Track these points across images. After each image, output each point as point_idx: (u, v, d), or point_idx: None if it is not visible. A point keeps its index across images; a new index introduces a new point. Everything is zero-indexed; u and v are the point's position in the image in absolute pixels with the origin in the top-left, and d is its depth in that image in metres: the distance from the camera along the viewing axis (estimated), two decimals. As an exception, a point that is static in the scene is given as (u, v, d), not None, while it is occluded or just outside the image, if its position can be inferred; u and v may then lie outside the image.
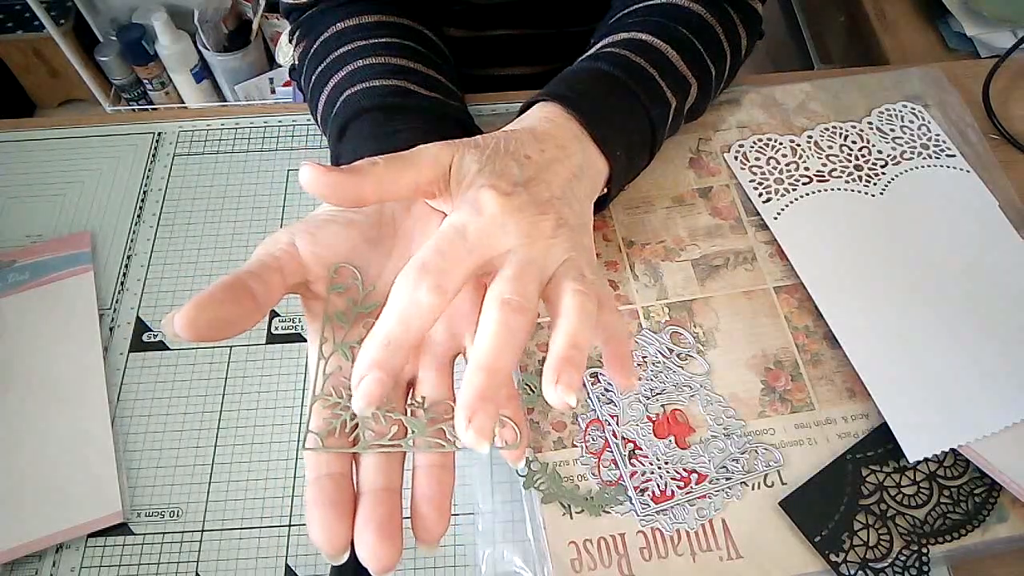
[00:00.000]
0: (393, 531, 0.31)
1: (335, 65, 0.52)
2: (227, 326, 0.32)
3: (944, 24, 0.94)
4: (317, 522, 0.31)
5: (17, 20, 1.70)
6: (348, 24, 0.53)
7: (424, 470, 0.33)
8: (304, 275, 0.36)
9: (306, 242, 0.36)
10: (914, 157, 0.58)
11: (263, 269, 0.34)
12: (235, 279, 0.33)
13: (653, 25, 0.52)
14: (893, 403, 0.47)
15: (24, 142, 0.65)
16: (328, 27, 0.54)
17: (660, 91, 0.49)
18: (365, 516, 0.31)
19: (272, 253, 0.35)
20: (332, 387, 0.35)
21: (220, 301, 0.32)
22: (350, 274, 0.37)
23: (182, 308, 0.31)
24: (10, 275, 0.56)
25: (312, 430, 0.34)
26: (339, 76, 0.51)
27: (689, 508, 0.45)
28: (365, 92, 0.49)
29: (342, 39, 0.53)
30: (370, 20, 0.54)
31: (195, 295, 0.31)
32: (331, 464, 0.33)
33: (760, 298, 0.53)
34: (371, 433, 0.34)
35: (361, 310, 0.36)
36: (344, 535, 0.31)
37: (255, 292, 0.33)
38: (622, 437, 0.47)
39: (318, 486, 0.32)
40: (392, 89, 0.49)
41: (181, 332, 0.31)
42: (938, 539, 0.44)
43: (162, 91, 1.76)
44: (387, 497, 0.32)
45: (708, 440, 0.47)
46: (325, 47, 0.53)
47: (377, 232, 0.38)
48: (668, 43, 0.51)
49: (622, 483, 0.46)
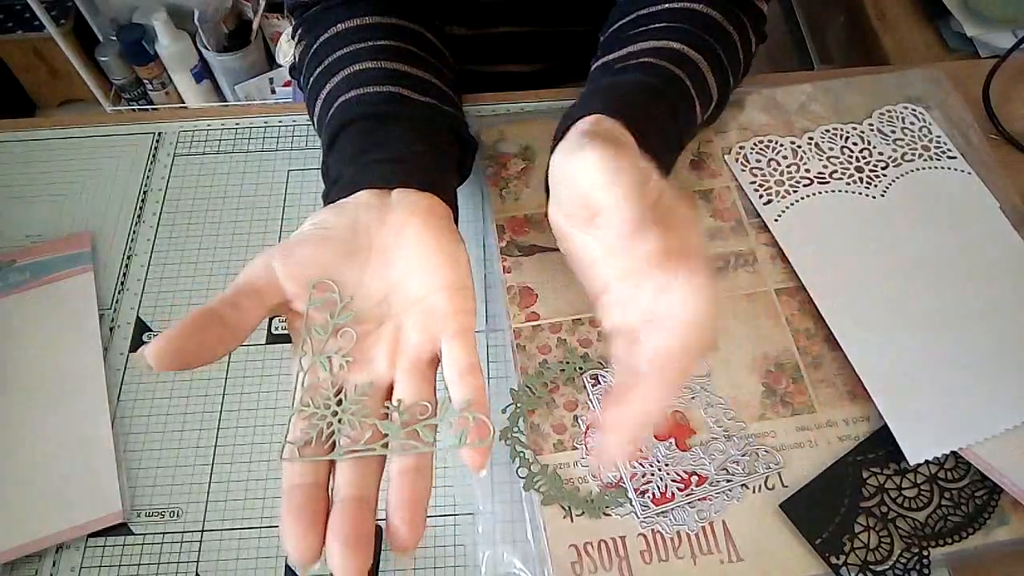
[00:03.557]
0: (360, 541, 0.31)
1: (332, 69, 0.52)
2: (193, 356, 0.33)
3: (944, 24, 0.94)
4: (287, 532, 0.31)
5: (17, 20, 1.70)
6: (349, 25, 0.53)
7: (399, 477, 0.33)
8: (282, 295, 0.37)
9: (281, 263, 0.37)
10: (915, 159, 0.58)
11: (237, 295, 0.35)
12: (205, 310, 0.34)
13: (683, 33, 0.51)
14: (894, 405, 0.47)
15: (24, 142, 0.65)
16: (329, 27, 0.54)
17: (693, 106, 0.50)
18: (334, 526, 0.31)
19: (248, 278, 0.36)
20: (310, 398, 0.35)
21: (187, 334, 0.33)
22: (327, 288, 0.37)
23: (152, 341, 0.32)
24: (10, 275, 0.56)
25: (288, 440, 0.34)
26: (335, 81, 0.51)
27: (689, 510, 0.45)
28: (358, 99, 0.49)
29: (342, 41, 0.53)
30: (370, 22, 0.53)
31: (167, 328, 0.33)
32: (305, 474, 0.33)
33: (761, 300, 0.53)
34: (347, 440, 0.34)
35: (337, 322, 0.37)
36: (314, 545, 0.31)
37: (227, 319, 0.34)
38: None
39: (290, 496, 0.32)
40: (385, 96, 0.49)
41: (152, 363, 0.32)
42: (939, 542, 0.44)
43: (162, 91, 1.76)
44: (357, 507, 0.32)
45: (708, 442, 0.47)
46: (324, 48, 0.53)
47: (352, 246, 0.39)
48: (700, 54, 0.51)
49: (622, 485, 0.46)
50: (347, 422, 0.34)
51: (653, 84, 0.48)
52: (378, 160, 0.44)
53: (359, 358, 0.37)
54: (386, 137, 0.47)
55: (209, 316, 0.33)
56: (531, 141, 0.60)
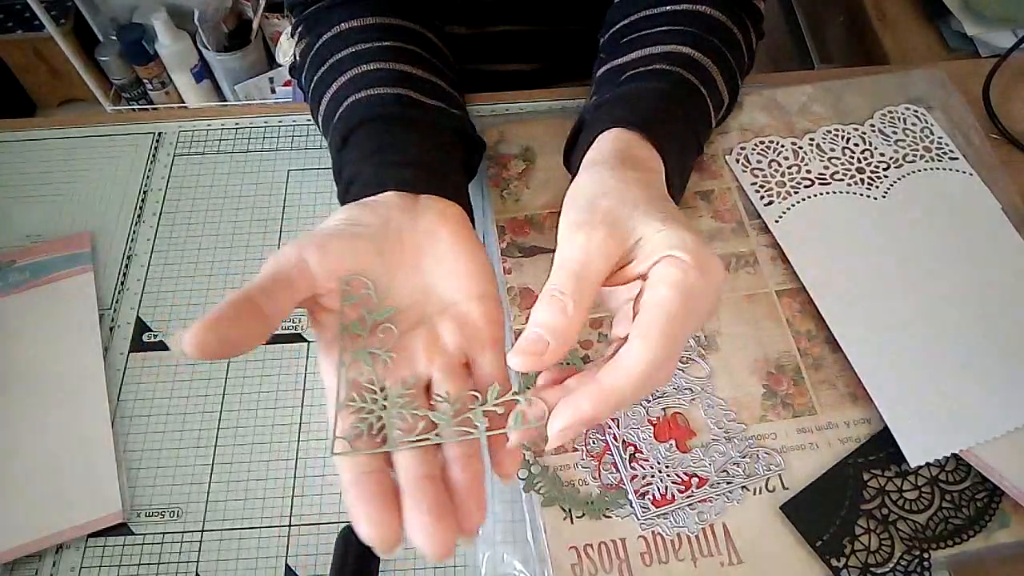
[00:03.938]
0: (445, 512, 0.32)
1: (337, 68, 0.52)
2: (235, 345, 0.32)
3: (944, 24, 0.94)
4: (365, 518, 0.32)
5: (17, 20, 1.70)
6: (352, 25, 0.53)
7: (455, 462, 0.34)
8: (314, 289, 0.36)
9: (316, 256, 0.37)
10: (916, 160, 0.58)
11: (274, 285, 0.35)
12: (244, 297, 0.33)
13: (689, 37, 0.51)
14: (895, 407, 0.47)
15: (24, 142, 0.65)
16: (331, 27, 0.54)
17: (708, 110, 0.50)
18: (414, 502, 0.32)
19: (282, 268, 0.36)
20: (355, 393, 0.35)
21: (228, 320, 0.32)
22: (362, 285, 0.38)
23: (190, 328, 0.31)
24: (10, 275, 0.56)
25: (339, 435, 0.34)
26: (341, 81, 0.51)
27: (690, 512, 0.45)
28: (368, 100, 0.49)
29: (346, 41, 0.53)
30: (373, 22, 0.53)
31: (204, 314, 0.32)
32: (367, 464, 0.34)
33: (762, 302, 0.53)
34: (399, 432, 0.35)
35: (376, 318, 0.37)
36: (395, 526, 0.32)
37: (264, 308, 0.33)
38: (623, 440, 0.47)
39: (359, 484, 0.33)
40: (395, 98, 0.49)
41: (189, 352, 0.31)
42: (940, 544, 0.44)
43: (162, 91, 1.76)
44: (430, 483, 0.33)
45: (709, 444, 0.47)
46: (328, 48, 0.53)
47: (384, 244, 0.39)
48: (708, 57, 0.51)
49: (622, 487, 0.46)
50: (396, 415, 0.35)
51: (668, 91, 0.48)
52: (398, 163, 0.44)
53: (400, 355, 0.37)
54: (403, 140, 0.47)
55: (247, 304, 0.33)
56: (532, 142, 0.60)
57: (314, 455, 0.50)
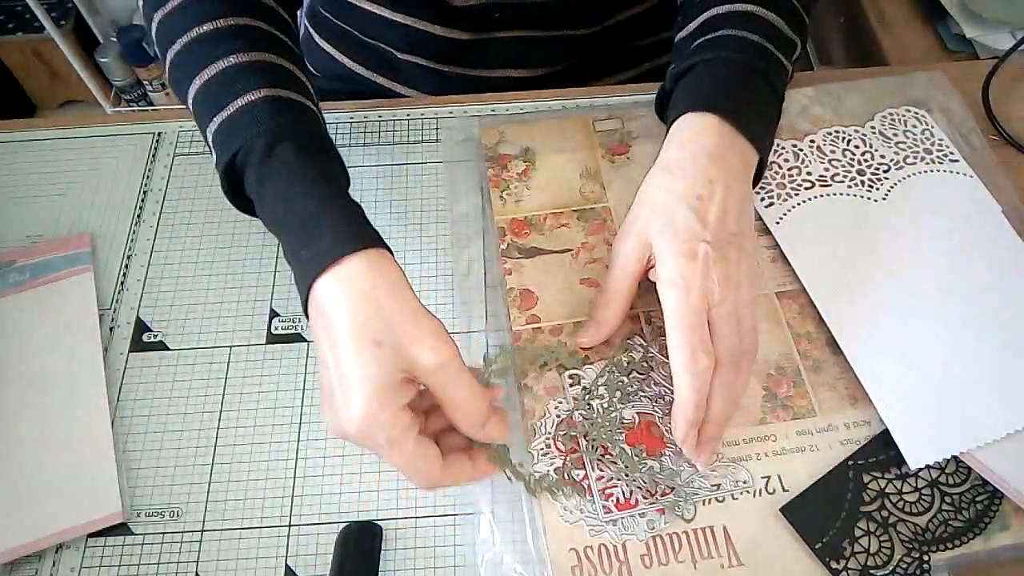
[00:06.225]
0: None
1: (203, 52, 0.48)
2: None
3: (943, 25, 0.95)
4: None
5: (17, 21, 1.70)
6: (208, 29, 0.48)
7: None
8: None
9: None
10: (917, 162, 0.58)
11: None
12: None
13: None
14: (895, 410, 0.47)
15: (24, 142, 0.65)
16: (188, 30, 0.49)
17: (780, 63, 0.51)
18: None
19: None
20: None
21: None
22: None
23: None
24: (10, 275, 0.56)
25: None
26: (211, 72, 0.47)
27: (640, 520, 0.45)
28: (286, 114, 0.46)
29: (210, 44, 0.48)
30: (224, 25, 0.49)
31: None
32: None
33: (761, 303, 0.53)
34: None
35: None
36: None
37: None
38: (593, 440, 0.47)
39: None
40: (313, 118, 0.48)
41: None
42: (940, 546, 0.44)
43: (162, 92, 1.76)
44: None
45: (678, 453, 0.47)
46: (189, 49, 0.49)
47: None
48: (769, 9, 0.52)
49: (584, 484, 0.46)
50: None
51: (741, 61, 0.50)
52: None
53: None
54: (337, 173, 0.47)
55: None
56: (532, 142, 0.60)
57: (314, 455, 0.50)
